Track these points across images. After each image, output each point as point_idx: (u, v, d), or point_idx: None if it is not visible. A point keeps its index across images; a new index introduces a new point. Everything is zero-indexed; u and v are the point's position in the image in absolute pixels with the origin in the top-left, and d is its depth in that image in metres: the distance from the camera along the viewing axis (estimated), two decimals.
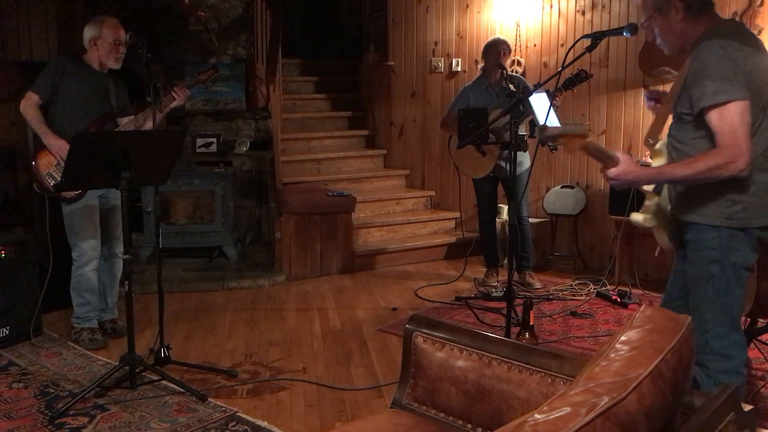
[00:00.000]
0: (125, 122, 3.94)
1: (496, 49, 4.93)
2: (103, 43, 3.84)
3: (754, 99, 2.24)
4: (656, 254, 2.70)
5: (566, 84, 4.17)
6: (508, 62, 5.84)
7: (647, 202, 2.57)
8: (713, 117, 2.23)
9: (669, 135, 2.48)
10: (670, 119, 2.50)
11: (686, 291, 2.52)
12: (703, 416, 1.28)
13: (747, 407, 1.43)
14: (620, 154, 2.37)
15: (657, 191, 2.55)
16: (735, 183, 2.27)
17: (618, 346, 1.34)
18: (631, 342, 1.34)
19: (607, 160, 2.40)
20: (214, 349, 3.97)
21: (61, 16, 5.72)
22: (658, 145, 2.55)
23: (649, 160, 2.60)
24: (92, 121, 3.82)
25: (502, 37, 5.16)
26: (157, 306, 3.59)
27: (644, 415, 1.15)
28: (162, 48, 6.20)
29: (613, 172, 2.35)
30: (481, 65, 5.19)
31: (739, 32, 2.36)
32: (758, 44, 2.37)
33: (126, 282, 3.32)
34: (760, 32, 4.66)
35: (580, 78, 4.04)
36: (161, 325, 3.58)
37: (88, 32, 3.86)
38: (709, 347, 2.35)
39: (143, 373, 3.44)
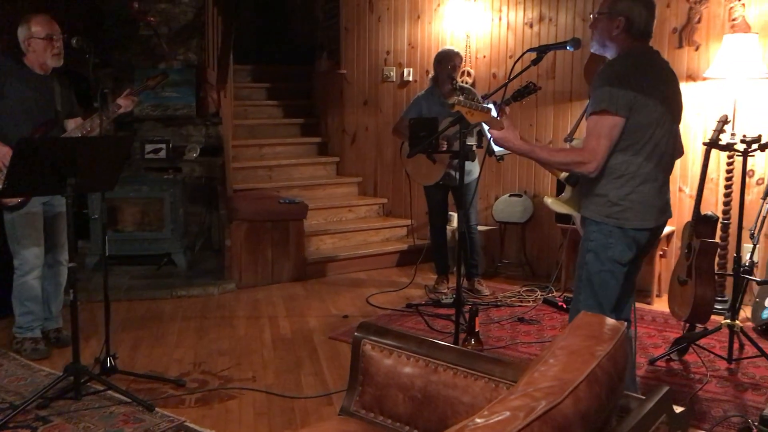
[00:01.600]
0: (72, 126, 3.86)
1: (452, 62, 5.00)
2: (36, 42, 3.72)
3: (640, 118, 2.55)
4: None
5: (515, 95, 4.26)
6: (458, 73, 5.94)
7: (564, 192, 2.91)
8: (590, 121, 2.59)
9: None
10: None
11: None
12: (635, 418, 1.33)
13: (678, 409, 1.50)
14: (506, 122, 2.69)
15: (571, 182, 2.84)
16: (620, 188, 2.61)
17: (557, 351, 1.39)
18: (568, 348, 1.39)
19: (495, 124, 2.73)
20: (161, 358, 3.92)
21: (5, 18, 5.58)
22: (573, 143, 2.86)
23: None
24: (37, 127, 3.73)
25: (455, 48, 5.23)
26: (104, 314, 3.53)
27: (580, 418, 1.20)
28: (111, 52, 6.11)
29: (494, 133, 2.71)
30: (431, 75, 5.25)
31: (647, 59, 2.68)
32: (664, 72, 2.70)
33: (71, 290, 3.26)
34: (697, 48, 4.85)
35: (528, 90, 4.12)
36: (107, 334, 3.52)
37: (20, 34, 3.74)
38: None
39: (88, 384, 3.38)
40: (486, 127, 3.99)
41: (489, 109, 2.81)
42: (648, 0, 2.67)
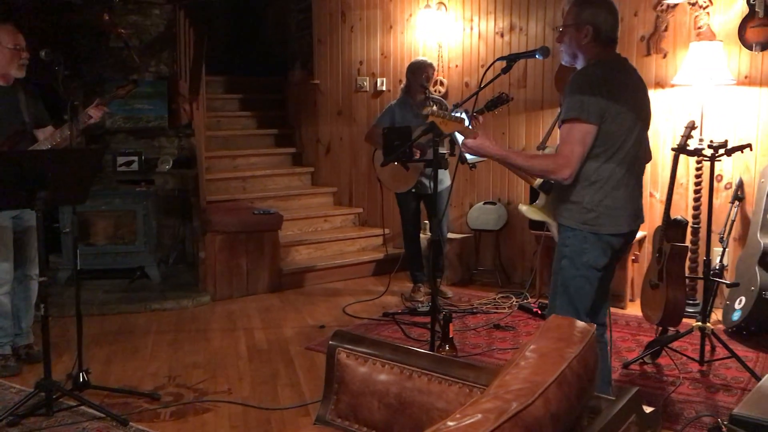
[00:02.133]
0: (43, 137, 3.82)
1: (426, 72, 5.04)
2: (2, 51, 3.68)
3: (612, 125, 2.59)
4: None
5: (488, 105, 4.31)
6: (432, 83, 5.99)
7: (538, 200, 2.94)
8: (563, 129, 2.62)
9: None
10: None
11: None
12: (605, 418, 1.35)
13: (648, 409, 1.52)
14: (480, 130, 2.76)
15: (545, 190, 2.86)
16: (593, 195, 2.63)
17: (527, 354, 1.41)
18: (539, 350, 1.40)
19: (469, 132, 2.78)
20: (136, 372, 3.88)
21: None
22: (547, 151, 2.94)
23: None
24: (5, 139, 3.68)
25: (428, 59, 5.26)
26: (76, 329, 3.48)
27: (550, 419, 1.21)
28: (81, 65, 6.06)
29: (469, 142, 2.74)
30: (404, 84, 5.27)
31: (617, 66, 2.73)
32: (633, 79, 2.76)
33: (42, 305, 3.22)
34: (665, 55, 4.94)
35: (501, 100, 4.17)
36: (80, 349, 3.48)
37: None
38: None
39: (60, 399, 3.33)
40: (460, 137, 4.03)
41: (462, 119, 2.85)
42: (611, 5, 2.72)
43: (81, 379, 3.45)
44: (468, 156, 4.14)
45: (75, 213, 3.59)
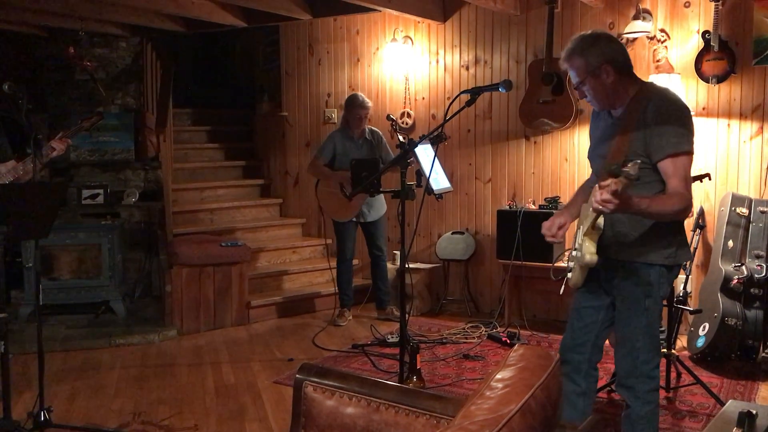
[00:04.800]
0: (3, 171, 3.76)
1: (358, 114, 5.26)
2: None
3: None
4: (561, 292, 2.89)
5: (425, 139, 4.40)
6: (398, 114, 6.07)
7: (587, 243, 2.54)
8: (678, 162, 2.45)
9: None
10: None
11: (595, 326, 2.76)
12: None
13: None
14: (618, 186, 2.25)
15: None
16: (673, 226, 2.55)
17: (493, 384, 1.41)
18: (504, 380, 1.41)
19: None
20: (99, 409, 3.79)
21: None
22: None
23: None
24: None
25: (361, 99, 5.33)
26: (37, 366, 3.40)
27: None
28: (46, 98, 6.01)
29: (611, 208, 2.25)
30: (342, 116, 5.46)
31: None
32: None
33: (2, 342, 3.14)
34: None
35: (440, 138, 4.25)
36: (41, 387, 3.38)
37: None
38: (638, 371, 2.63)
39: None
40: (426, 170, 4.05)
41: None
42: (608, 33, 2.67)
43: (42, 418, 3.35)
44: (434, 187, 4.18)
45: (38, 247, 3.53)
